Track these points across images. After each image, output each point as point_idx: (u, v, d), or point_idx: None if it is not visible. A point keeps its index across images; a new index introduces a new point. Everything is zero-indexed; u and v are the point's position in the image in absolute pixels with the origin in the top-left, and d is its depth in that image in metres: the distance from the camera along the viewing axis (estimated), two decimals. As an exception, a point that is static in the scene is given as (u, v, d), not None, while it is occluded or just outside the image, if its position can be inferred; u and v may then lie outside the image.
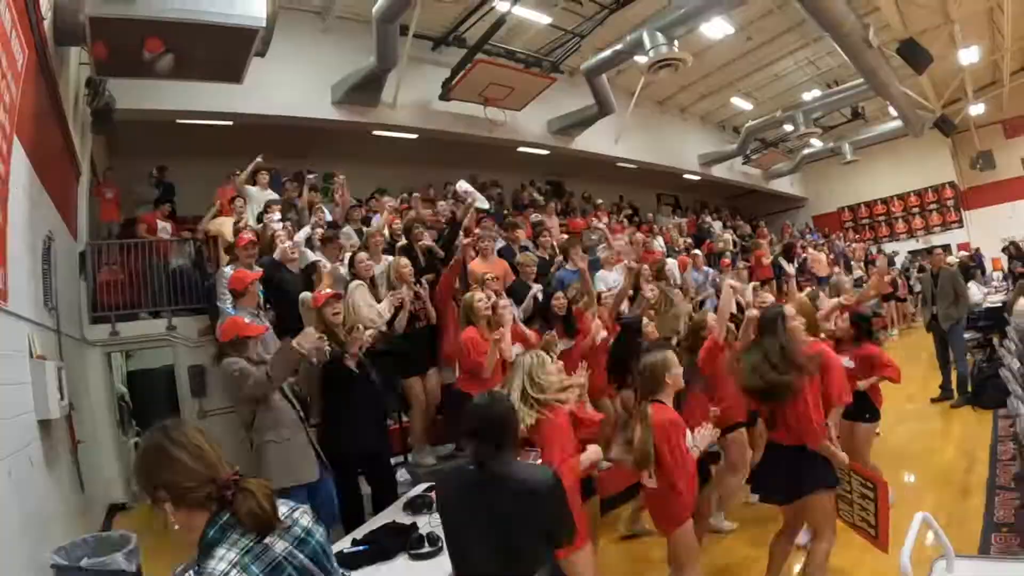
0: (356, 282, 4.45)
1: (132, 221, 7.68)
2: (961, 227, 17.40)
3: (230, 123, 8.46)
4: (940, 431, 5.72)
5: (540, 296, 5.02)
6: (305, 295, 4.21)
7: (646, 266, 5.91)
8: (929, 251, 7.17)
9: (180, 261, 7.11)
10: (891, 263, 13.99)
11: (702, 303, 6.81)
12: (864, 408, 3.90)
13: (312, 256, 4.98)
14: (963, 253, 13.44)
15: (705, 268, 8.14)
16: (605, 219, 9.71)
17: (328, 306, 3.66)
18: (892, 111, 14.23)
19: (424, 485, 3.56)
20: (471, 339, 4.01)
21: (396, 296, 4.37)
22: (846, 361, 3.79)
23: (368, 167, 10.42)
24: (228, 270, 4.44)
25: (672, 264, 7.01)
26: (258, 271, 4.15)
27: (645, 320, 3.65)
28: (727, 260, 7.96)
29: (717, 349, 3.63)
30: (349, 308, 4.01)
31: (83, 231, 6.85)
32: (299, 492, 3.03)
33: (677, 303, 5.57)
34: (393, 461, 4.40)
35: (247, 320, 3.32)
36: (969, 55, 12.09)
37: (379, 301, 4.43)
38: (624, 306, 5.38)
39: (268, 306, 4.26)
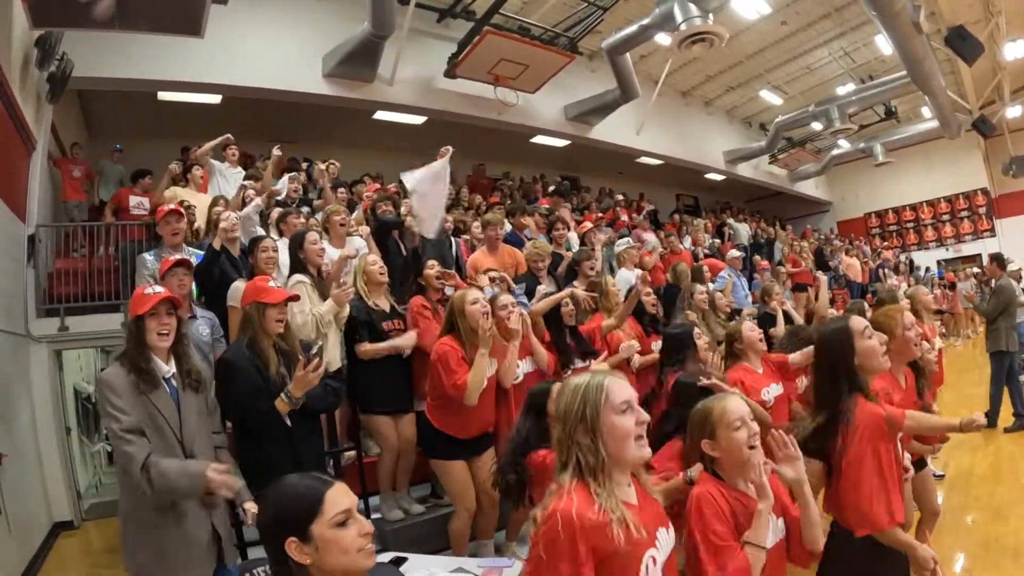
0: (296, 277, 3.21)
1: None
2: (993, 236, 16.68)
3: (217, 99, 7.84)
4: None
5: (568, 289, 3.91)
6: (237, 286, 3.08)
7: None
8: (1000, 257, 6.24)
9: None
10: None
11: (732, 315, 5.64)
12: None
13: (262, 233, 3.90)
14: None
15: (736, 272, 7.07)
16: (625, 216, 8.80)
17: (276, 309, 2.41)
18: (925, 112, 13.54)
19: (389, 555, 2.38)
20: (447, 352, 2.87)
21: (345, 291, 3.16)
22: None
23: (365, 155, 9.64)
24: (148, 257, 3.34)
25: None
26: (176, 256, 2.90)
27: (715, 360, 2.49)
28: (764, 263, 7.00)
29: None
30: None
31: (34, 213, 6.06)
32: None
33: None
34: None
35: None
36: (1016, 49, 11.39)
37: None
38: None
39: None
